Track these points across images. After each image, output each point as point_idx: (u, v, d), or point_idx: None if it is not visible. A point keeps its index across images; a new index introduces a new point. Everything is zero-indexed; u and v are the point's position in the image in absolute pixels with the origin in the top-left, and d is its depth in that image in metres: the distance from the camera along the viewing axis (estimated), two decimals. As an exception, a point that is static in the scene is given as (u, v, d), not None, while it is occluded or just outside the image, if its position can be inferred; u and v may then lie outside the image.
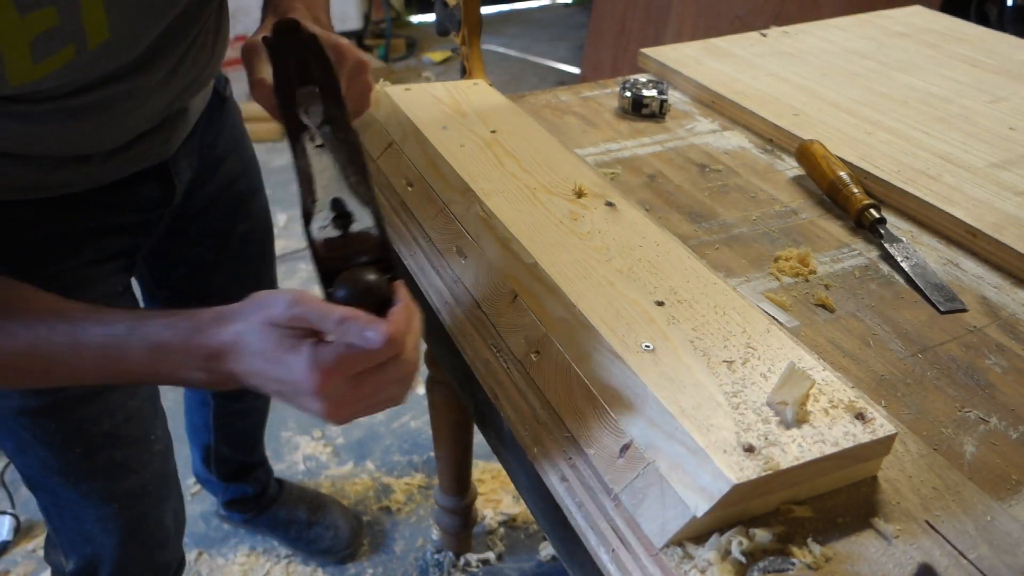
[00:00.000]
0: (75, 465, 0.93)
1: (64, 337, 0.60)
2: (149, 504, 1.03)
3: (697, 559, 0.53)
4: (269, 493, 1.58)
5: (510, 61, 3.89)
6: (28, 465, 0.95)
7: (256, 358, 0.55)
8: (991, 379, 0.71)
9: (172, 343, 0.58)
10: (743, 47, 1.33)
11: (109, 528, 1.00)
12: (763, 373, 0.60)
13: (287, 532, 1.59)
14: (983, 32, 1.40)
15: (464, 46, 1.17)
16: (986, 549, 0.54)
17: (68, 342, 0.60)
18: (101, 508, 0.98)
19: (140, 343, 0.59)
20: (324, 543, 1.58)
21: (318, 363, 0.53)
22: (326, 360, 0.53)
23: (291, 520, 1.59)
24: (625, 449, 0.58)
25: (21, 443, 0.91)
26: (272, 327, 0.55)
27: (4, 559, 1.58)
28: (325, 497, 1.66)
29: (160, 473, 1.03)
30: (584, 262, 0.72)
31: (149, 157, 0.86)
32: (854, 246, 0.88)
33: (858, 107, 1.12)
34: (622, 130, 1.12)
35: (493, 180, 0.85)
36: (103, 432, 0.93)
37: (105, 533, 1.00)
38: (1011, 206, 0.90)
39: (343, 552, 1.59)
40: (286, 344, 0.54)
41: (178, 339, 0.58)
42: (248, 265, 1.18)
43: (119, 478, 0.98)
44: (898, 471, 0.60)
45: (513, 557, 1.61)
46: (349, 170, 0.60)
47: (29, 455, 0.93)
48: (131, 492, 1.00)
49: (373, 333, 0.52)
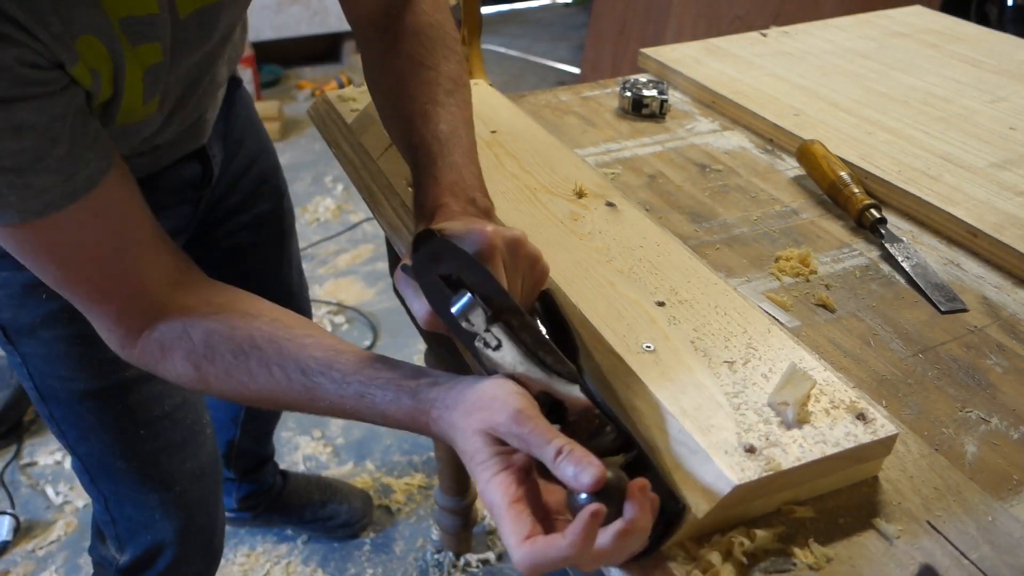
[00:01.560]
0: (139, 447, 0.95)
1: (299, 389, 0.62)
2: (208, 486, 1.05)
3: (699, 559, 0.53)
4: (279, 483, 1.61)
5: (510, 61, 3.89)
6: (91, 452, 0.96)
7: (465, 456, 0.55)
8: (992, 379, 0.71)
9: (398, 417, 0.59)
10: (743, 47, 1.33)
11: (171, 513, 1.01)
12: (764, 373, 0.60)
13: (302, 515, 1.62)
14: (983, 32, 1.40)
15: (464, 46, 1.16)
16: (987, 549, 0.54)
17: (303, 393, 0.62)
18: (163, 492, 1.00)
19: (369, 411, 0.60)
20: (341, 518, 1.63)
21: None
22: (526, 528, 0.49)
23: (305, 503, 1.62)
24: (626, 449, 0.58)
25: (85, 428, 0.93)
26: (485, 436, 0.53)
27: (4, 559, 1.58)
28: (328, 478, 1.70)
29: (213, 456, 1.06)
30: (585, 262, 0.72)
31: (190, 143, 0.90)
32: (855, 246, 0.88)
33: (858, 107, 1.12)
34: (622, 130, 1.12)
35: (493, 180, 0.85)
36: (164, 413, 0.95)
37: (166, 518, 1.01)
38: (1012, 206, 0.89)
39: (360, 523, 1.64)
40: (494, 463, 0.52)
41: (403, 415, 0.59)
42: (274, 243, 1.19)
43: (181, 459, 0.99)
44: (899, 471, 0.60)
45: (513, 557, 1.60)
46: (541, 354, 0.56)
47: (93, 441, 0.94)
48: (192, 474, 1.01)
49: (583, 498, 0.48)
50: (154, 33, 0.62)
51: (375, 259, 2.46)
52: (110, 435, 0.93)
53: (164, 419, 0.95)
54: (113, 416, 0.92)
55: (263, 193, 1.13)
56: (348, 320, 2.23)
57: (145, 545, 1.03)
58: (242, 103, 1.06)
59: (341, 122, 1.06)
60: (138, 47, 0.61)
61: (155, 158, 0.85)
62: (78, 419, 0.92)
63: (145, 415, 0.93)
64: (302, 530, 1.64)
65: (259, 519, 1.63)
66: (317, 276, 2.39)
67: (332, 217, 2.68)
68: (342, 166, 1.02)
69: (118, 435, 0.93)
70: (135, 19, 0.60)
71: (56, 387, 0.90)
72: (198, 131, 0.90)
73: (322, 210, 2.70)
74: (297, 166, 2.96)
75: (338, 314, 2.24)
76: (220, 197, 1.04)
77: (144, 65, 0.63)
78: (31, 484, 1.73)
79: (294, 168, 2.95)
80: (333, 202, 2.74)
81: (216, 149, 0.97)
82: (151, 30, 0.62)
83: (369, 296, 2.31)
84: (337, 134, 1.05)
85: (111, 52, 0.60)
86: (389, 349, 2.12)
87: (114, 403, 0.91)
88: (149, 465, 0.97)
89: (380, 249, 2.47)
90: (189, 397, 0.98)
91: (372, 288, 2.35)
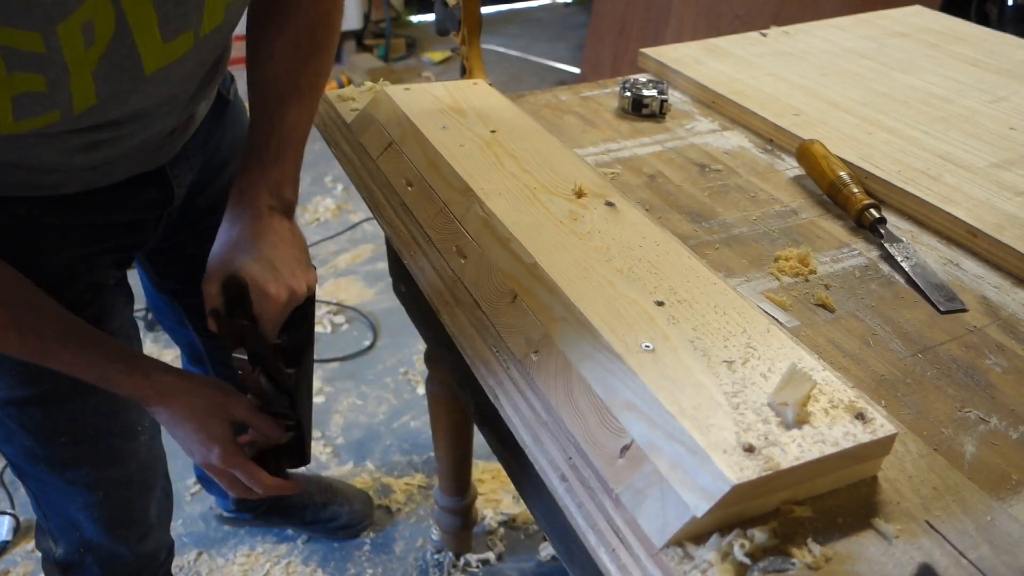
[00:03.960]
0: (60, 454, 0.95)
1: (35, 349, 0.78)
2: (134, 493, 1.05)
3: (697, 559, 0.53)
4: None
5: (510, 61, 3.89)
6: (16, 454, 0.97)
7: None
8: (991, 379, 0.71)
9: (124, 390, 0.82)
10: (743, 47, 1.33)
11: (94, 516, 1.02)
12: (763, 373, 0.60)
13: (303, 516, 1.61)
14: (983, 32, 1.40)
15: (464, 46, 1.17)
16: (986, 549, 0.54)
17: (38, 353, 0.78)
18: (86, 496, 1.00)
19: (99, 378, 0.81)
20: (342, 519, 1.62)
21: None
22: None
23: (305, 505, 1.61)
24: (625, 449, 0.58)
25: (7, 432, 0.94)
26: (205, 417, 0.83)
27: (4, 559, 1.58)
28: (329, 479, 1.70)
29: (145, 463, 1.05)
30: (584, 262, 0.72)
31: (147, 163, 0.88)
32: (854, 246, 0.88)
33: (858, 107, 1.12)
34: (622, 130, 1.12)
35: (493, 180, 0.85)
36: (89, 424, 0.95)
37: (90, 520, 1.02)
38: (1012, 206, 0.89)
39: (361, 524, 1.64)
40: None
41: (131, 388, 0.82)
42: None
43: (104, 467, 1.00)
44: (898, 471, 0.60)
45: (513, 557, 1.61)
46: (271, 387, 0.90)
47: (15, 444, 0.95)
48: (116, 481, 1.02)
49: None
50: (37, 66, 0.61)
51: (375, 259, 2.46)
52: (30, 441, 0.94)
53: (88, 429, 0.96)
54: (34, 424, 0.92)
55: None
56: (348, 320, 2.23)
57: (75, 543, 1.05)
58: (232, 122, 1.04)
59: (341, 122, 1.06)
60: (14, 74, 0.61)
61: (105, 173, 0.84)
62: (1, 424, 0.93)
63: (66, 425, 0.94)
64: (303, 531, 1.64)
65: (259, 520, 1.63)
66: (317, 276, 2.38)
67: (332, 217, 2.68)
68: (342, 166, 1.02)
69: (38, 442, 0.94)
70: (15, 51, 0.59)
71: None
72: (155, 153, 0.88)
73: (322, 210, 2.71)
74: (297, 166, 2.96)
75: (338, 314, 2.24)
76: (195, 217, 1.02)
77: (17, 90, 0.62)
78: (31, 484, 1.73)
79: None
80: (333, 202, 2.74)
81: (183, 171, 0.95)
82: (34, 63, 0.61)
83: (369, 296, 2.31)
84: (337, 134, 1.05)
85: None
86: (389, 349, 2.12)
87: (33, 412, 0.92)
88: (69, 471, 0.98)
89: (380, 249, 2.47)
90: (121, 407, 0.98)
91: (372, 288, 2.35)
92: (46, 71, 0.62)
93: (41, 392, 0.90)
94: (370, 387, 2.01)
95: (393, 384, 2.01)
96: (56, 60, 0.62)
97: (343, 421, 1.91)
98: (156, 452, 1.09)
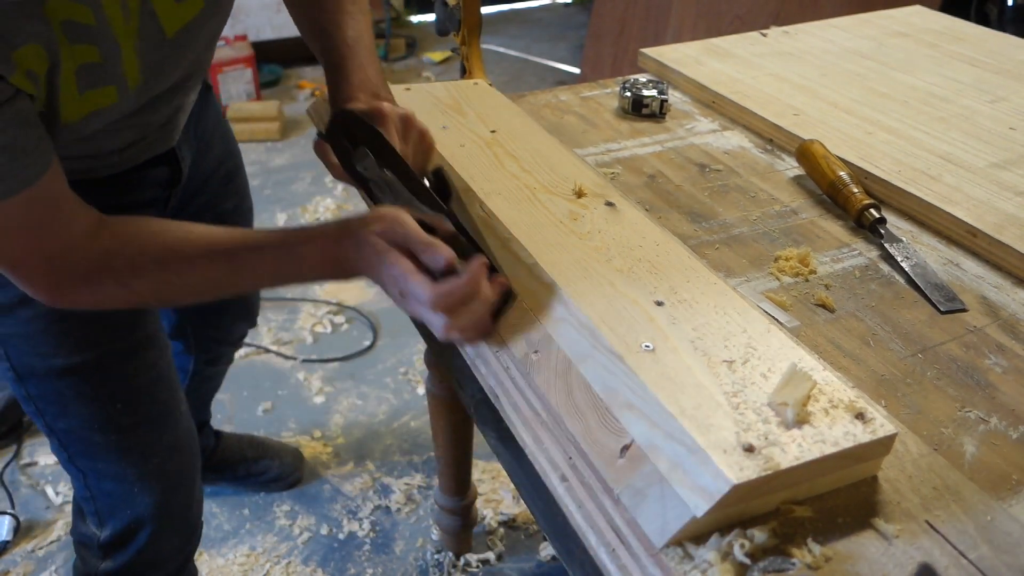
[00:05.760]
0: (117, 420, 0.98)
1: (224, 267, 0.74)
2: (185, 460, 1.08)
3: (697, 559, 0.53)
4: (211, 444, 1.67)
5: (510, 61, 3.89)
6: (69, 428, 0.98)
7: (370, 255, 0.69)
8: (991, 379, 0.71)
9: (314, 259, 0.72)
10: (743, 47, 1.33)
11: (148, 486, 1.03)
12: (763, 373, 0.60)
13: (235, 471, 1.70)
14: (983, 32, 1.40)
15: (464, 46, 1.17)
16: (986, 549, 0.54)
17: (228, 270, 0.74)
18: (141, 465, 1.02)
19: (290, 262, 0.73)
20: (272, 472, 1.72)
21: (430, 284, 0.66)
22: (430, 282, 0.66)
23: (238, 460, 1.70)
24: (625, 449, 0.58)
25: (64, 404, 0.96)
26: (382, 235, 0.68)
27: (4, 559, 1.58)
28: (260, 437, 1.78)
29: (190, 434, 1.09)
30: (584, 262, 0.72)
31: (160, 145, 0.94)
32: (854, 246, 0.88)
33: (858, 107, 1.12)
34: (622, 130, 1.12)
35: (493, 180, 0.85)
36: (140, 387, 0.99)
37: (144, 492, 1.03)
38: (1011, 206, 0.89)
39: (291, 477, 1.73)
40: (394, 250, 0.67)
41: (318, 252, 0.72)
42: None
43: (158, 433, 1.03)
44: (898, 471, 0.60)
45: (513, 557, 1.60)
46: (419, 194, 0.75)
47: (71, 416, 0.97)
48: (169, 447, 1.05)
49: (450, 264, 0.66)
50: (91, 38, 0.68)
51: (375, 259, 2.46)
52: (88, 409, 0.96)
53: (140, 392, 0.99)
54: (91, 390, 0.95)
55: (227, 192, 1.19)
56: (348, 320, 2.23)
57: (125, 520, 1.05)
58: (212, 107, 1.11)
59: (341, 122, 1.06)
60: (75, 46, 0.67)
61: (125, 157, 0.89)
62: (57, 395, 0.95)
63: (121, 389, 0.97)
64: (236, 486, 1.71)
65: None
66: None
67: (332, 217, 2.68)
68: (342, 166, 1.02)
69: (96, 409, 0.96)
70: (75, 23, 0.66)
71: (35, 365, 0.93)
72: (168, 134, 0.94)
73: (322, 210, 2.70)
74: (297, 166, 2.96)
75: (338, 314, 2.24)
76: (190, 196, 1.08)
77: (78, 62, 0.68)
78: (31, 484, 1.73)
79: (294, 168, 2.95)
80: (333, 202, 2.74)
81: (186, 151, 1.01)
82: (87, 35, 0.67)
83: (369, 296, 2.31)
84: (337, 134, 1.05)
85: (49, 53, 0.65)
86: (389, 349, 2.12)
87: (92, 378, 0.94)
88: (127, 438, 1.00)
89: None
90: (164, 372, 1.02)
91: (372, 288, 2.35)
92: (99, 43, 0.68)
93: (97, 356, 0.93)
94: (370, 387, 2.01)
95: (393, 384, 2.01)
96: (106, 33, 0.68)
97: (343, 421, 1.91)
98: (193, 425, 1.12)
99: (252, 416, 1.91)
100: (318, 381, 2.01)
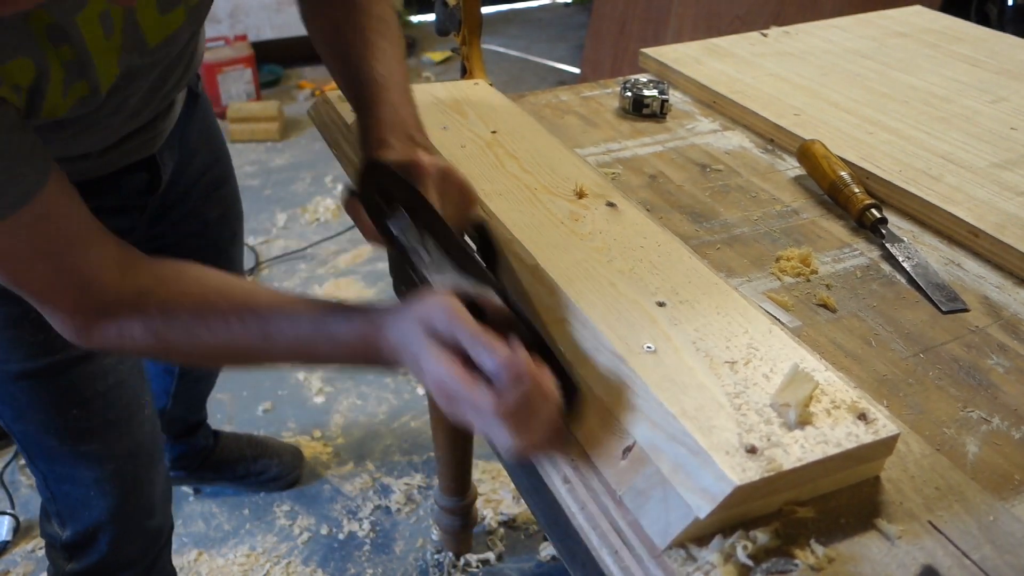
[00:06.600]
0: (72, 425, 0.97)
1: (256, 332, 0.67)
2: (142, 466, 1.07)
3: (700, 561, 0.53)
4: (210, 444, 1.67)
5: (510, 61, 3.89)
6: (26, 432, 0.98)
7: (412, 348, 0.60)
8: (993, 379, 0.70)
9: (350, 340, 0.65)
10: (743, 47, 1.33)
11: (105, 490, 1.03)
12: (765, 374, 0.60)
13: (235, 471, 1.70)
14: (983, 32, 1.40)
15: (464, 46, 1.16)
16: (989, 549, 0.54)
17: (260, 336, 0.67)
18: (97, 469, 1.01)
19: (325, 341, 0.65)
20: (272, 471, 1.71)
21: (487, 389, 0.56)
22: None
23: (237, 459, 1.70)
24: (627, 451, 0.58)
25: (19, 408, 0.95)
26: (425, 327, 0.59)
27: (4, 559, 1.58)
28: (259, 436, 1.78)
29: (150, 435, 1.08)
30: (585, 263, 0.72)
31: (140, 151, 0.92)
32: (855, 246, 0.88)
33: (859, 107, 1.12)
34: (623, 130, 1.12)
35: (494, 181, 0.85)
36: (96, 393, 0.97)
37: (101, 496, 1.03)
38: (1013, 206, 0.89)
39: (290, 476, 1.73)
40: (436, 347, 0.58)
41: (355, 336, 0.64)
42: (222, 248, 1.24)
43: (114, 438, 1.01)
44: (901, 471, 0.60)
45: (513, 557, 1.60)
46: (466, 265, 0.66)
47: (27, 420, 0.96)
48: (126, 452, 1.03)
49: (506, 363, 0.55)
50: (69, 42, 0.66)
51: (375, 259, 2.46)
52: (43, 414, 0.95)
53: (97, 399, 0.97)
54: (46, 396, 0.94)
55: (213, 200, 1.17)
56: (348, 320, 2.23)
57: (85, 523, 1.05)
58: (200, 115, 1.09)
59: (341, 122, 1.06)
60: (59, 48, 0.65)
61: (103, 162, 0.87)
62: (12, 399, 0.95)
63: (77, 395, 0.96)
64: (235, 485, 1.71)
65: (193, 477, 1.70)
66: (317, 276, 2.39)
67: (332, 217, 2.67)
68: (342, 166, 1.02)
69: (51, 414, 0.95)
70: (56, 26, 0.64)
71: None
72: (150, 141, 0.92)
73: (322, 210, 2.70)
74: (297, 166, 2.96)
75: (338, 314, 2.24)
76: (171, 203, 1.06)
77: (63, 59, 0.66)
78: (31, 484, 1.72)
79: (294, 168, 2.95)
80: (333, 202, 2.74)
81: (167, 158, 0.99)
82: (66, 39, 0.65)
83: (369, 296, 2.31)
84: (337, 134, 1.05)
85: (36, 63, 0.63)
86: (389, 349, 2.12)
87: (46, 383, 0.93)
88: (82, 443, 0.99)
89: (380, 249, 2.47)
90: (125, 378, 1.00)
91: (372, 288, 2.35)
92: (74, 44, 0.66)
93: (51, 363, 0.92)
94: (370, 387, 2.00)
95: (393, 384, 2.01)
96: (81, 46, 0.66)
97: (343, 421, 1.91)
98: (158, 429, 1.11)
99: (252, 416, 1.91)
100: (318, 381, 2.00)
